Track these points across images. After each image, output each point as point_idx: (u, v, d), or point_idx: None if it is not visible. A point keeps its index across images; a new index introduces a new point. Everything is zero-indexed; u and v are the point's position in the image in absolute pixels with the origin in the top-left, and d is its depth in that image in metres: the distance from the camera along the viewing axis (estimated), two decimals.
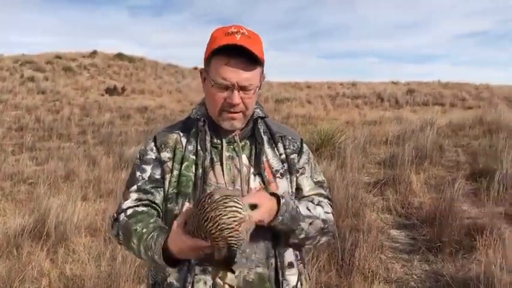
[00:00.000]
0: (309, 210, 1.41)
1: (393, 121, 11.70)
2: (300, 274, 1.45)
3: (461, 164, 6.45)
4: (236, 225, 1.09)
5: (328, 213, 1.47)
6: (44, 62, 25.19)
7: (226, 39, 1.32)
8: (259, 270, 1.39)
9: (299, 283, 1.44)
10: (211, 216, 1.09)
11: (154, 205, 1.42)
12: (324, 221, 1.43)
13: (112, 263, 3.88)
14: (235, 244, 1.09)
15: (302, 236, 1.38)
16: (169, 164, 1.42)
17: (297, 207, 1.36)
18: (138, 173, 1.45)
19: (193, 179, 1.39)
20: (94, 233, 4.97)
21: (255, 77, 1.37)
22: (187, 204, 1.33)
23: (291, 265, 1.42)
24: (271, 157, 1.45)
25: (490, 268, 3.22)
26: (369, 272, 3.64)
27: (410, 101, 20.94)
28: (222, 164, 1.41)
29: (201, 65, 1.45)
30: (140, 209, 1.40)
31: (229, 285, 1.22)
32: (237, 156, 1.43)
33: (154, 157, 1.45)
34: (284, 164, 1.46)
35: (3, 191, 7.13)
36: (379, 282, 3.59)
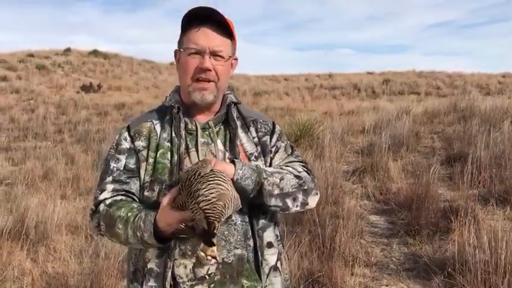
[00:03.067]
0: (276, 169, 1.45)
1: (370, 111, 11.83)
2: (279, 254, 1.48)
3: (437, 149, 6.58)
4: (214, 198, 1.12)
5: (300, 172, 1.48)
6: (17, 61, 24.70)
7: (197, 8, 1.40)
8: (238, 252, 1.40)
9: (278, 262, 1.47)
10: (194, 190, 1.15)
11: (131, 195, 1.43)
12: (297, 177, 1.45)
13: (95, 260, 3.87)
14: (213, 217, 1.12)
15: (277, 191, 1.38)
16: (144, 152, 1.43)
17: (259, 166, 1.41)
18: (112, 164, 1.45)
19: (169, 166, 1.40)
20: (75, 230, 4.94)
21: (226, 46, 1.43)
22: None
23: (270, 245, 1.45)
24: (245, 141, 1.47)
25: (465, 247, 3.32)
26: (349, 256, 3.71)
27: (386, 90, 21.25)
28: (197, 150, 1.43)
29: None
30: (119, 197, 1.42)
31: (211, 256, 1.24)
32: (212, 142, 1.45)
33: (128, 146, 1.46)
34: (257, 147, 1.49)
35: None
36: (360, 266, 3.67)
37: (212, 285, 1.37)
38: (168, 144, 1.42)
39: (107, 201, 1.41)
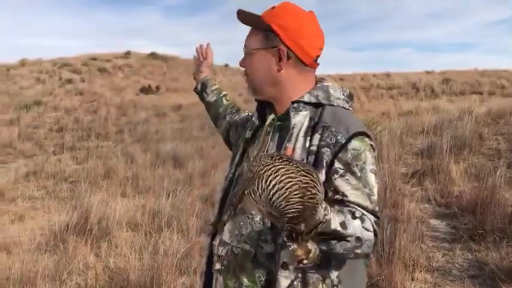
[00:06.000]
0: (343, 225, 1.15)
1: (430, 111, 11.44)
2: (303, 284, 1.26)
3: (502, 152, 6.27)
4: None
5: (367, 230, 1.20)
6: (80, 64, 25.84)
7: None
8: (246, 247, 1.33)
9: None
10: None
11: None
12: (358, 239, 1.18)
13: (154, 256, 3.97)
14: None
15: (323, 248, 1.16)
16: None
17: (329, 219, 1.09)
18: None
19: (237, 150, 1.53)
20: (135, 227, 5.10)
21: (249, 40, 1.42)
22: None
23: (284, 266, 1.25)
24: (299, 146, 1.31)
25: None
26: (409, 260, 3.59)
27: (446, 90, 20.47)
28: (260, 139, 1.45)
29: (232, 62, 1.57)
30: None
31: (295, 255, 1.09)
32: (271, 134, 1.43)
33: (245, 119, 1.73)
34: (310, 157, 1.28)
35: (47, 190, 7.39)
36: (421, 271, 3.54)
37: (222, 268, 1.39)
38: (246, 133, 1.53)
39: None
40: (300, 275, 1.25)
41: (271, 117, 1.44)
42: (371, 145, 1.33)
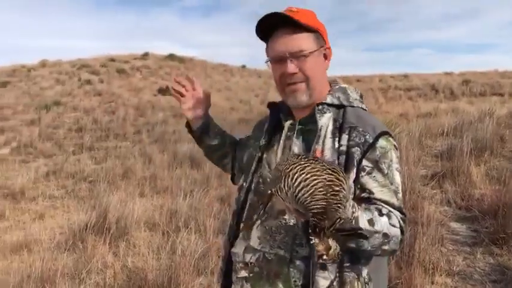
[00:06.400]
0: (371, 223, 1.20)
1: (449, 113, 11.30)
2: (341, 283, 1.28)
3: None
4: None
5: (394, 226, 1.25)
6: (99, 65, 26.09)
7: (265, 16, 1.39)
8: (281, 252, 1.33)
9: None
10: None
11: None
12: (385, 235, 1.22)
13: (172, 256, 3.99)
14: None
15: (352, 245, 1.21)
16: (249, 142, 1.61)
17: (356, 217, 1.16)
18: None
19: (254, 156, 1.52)
20: (153, 227, 5.13)
21: (304, 42, 1.38)
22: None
23: (323, 267, 1.26)
24: (328, 147, 1.33)
25: None
26: (429, 264, 3.54)
27: (466, 91, 20.16)
28: (279, 144, 1.45)
29: (249, 63, 1.54)
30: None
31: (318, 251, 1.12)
32: (294, 138, 1.43)
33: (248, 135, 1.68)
34: (341, 157, 1.31)
35: (66, 189, 7.49)
36: (441, 275, 3.50)
37: (251, 275, 1.36)
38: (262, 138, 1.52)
39: None
40: (337, 274, 1.27)
41: (288, 122, 1.46)
42: (394, 145, 1.37)
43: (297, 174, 1.06)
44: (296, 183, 1.05)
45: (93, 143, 11.63)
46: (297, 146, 1.41)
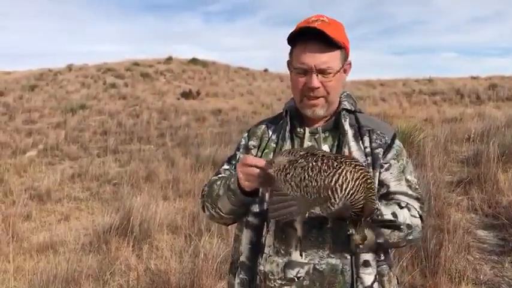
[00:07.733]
0: (394, 215, 1.32)
1: (475, 118, 11.08)
2: (380, 275, 1.38)
3: None
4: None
5: (415, 217, 1.37)
6: (124, 69, 26.49)
7: (303, 25, 1.39)
8: (332, 261, 1.36)
9: (376, 284, 1.36)
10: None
11: None
12: (408, 226, 1.34)
13: (194, 260, 4.00)
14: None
15: (380, 240, 1.29)
16: (254, 151, 1.53)
17: (380, 213, 1.28)
18: (229, 155, 1.65)
19: None
20: (175, 230, 5.16)
21: (333, 60, 1.40)
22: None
23: (366, 264, 1.35)
24: (354, 150, 1.41)
25: None
26: (455, 272, 3.47)
27: (493, 96, 19.73)
28: None
29: (271, 67, 1.54)
30: (227, 174, 1.60)
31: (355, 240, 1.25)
32: (318, 146, 1.45)
33: (244, 143, 1.59)
34: (368, 158, 1.41)
35: (91, 191, 7.60)
36: (467, 284, 3.42)
37: None
38: (274, 145, 1.50)
39: (216, 176, 1.60)
40: (386, 271, 1.40)
41: (308, 130, 1.47)
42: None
43: (344, 185, 1.16)
44: (346, 193, 1.16)
45: (117, 146, 11.79)
46: None
